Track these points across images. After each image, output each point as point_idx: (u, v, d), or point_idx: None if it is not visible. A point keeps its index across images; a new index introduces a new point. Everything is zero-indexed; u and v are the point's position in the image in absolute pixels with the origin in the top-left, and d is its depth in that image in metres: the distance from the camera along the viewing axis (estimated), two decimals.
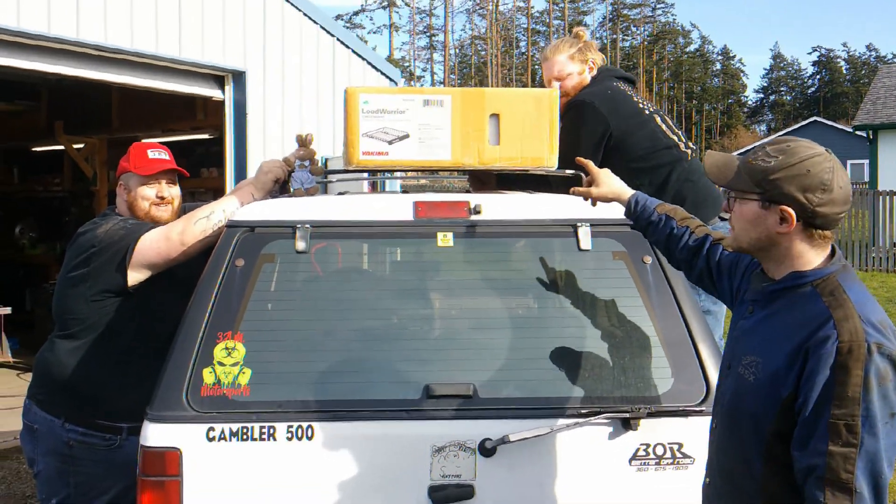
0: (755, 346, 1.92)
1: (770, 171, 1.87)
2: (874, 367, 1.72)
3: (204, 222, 2.89)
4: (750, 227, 1.92)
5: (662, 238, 2.43)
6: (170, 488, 2.35)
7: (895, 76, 24.12)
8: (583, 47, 3.61)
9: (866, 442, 1.70)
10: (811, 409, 1.74)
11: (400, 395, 2.49)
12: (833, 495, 1.71)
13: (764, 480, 1.86)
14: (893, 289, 13.84)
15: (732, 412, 1.95)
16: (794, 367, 1.79)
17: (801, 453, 1.76)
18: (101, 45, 6.15)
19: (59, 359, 2.98)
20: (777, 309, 1.91)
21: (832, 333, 1.75)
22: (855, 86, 76.29)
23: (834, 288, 1.83)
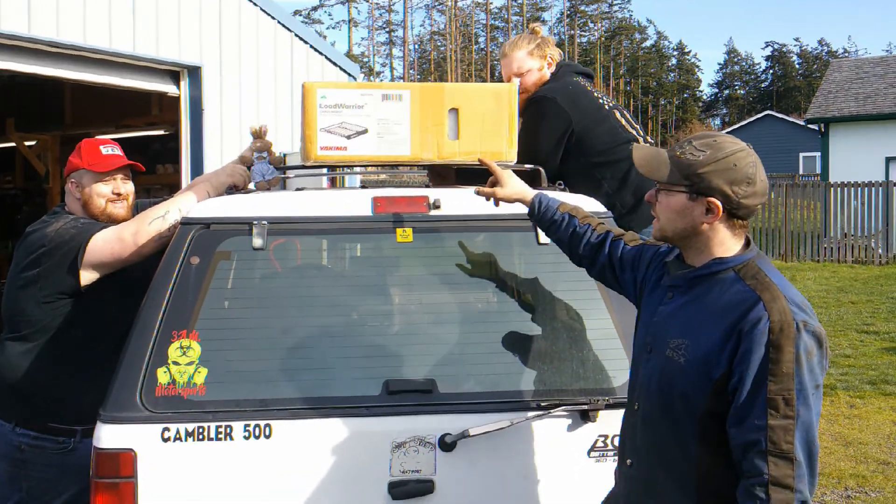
0: (681, 329, 2.00)
1: (699, 165, 1.96)
2: (803, 343, 1.84)
3: (159, 222, 2.83)
4: (677, 217, 2.01)
5: (566, 237, 2.49)
6: (124, 490, 2.31)
7: (846, 70, 24.64)
8: (541, 43, 3.62)
9: (802, 413, 1.83)
10: (749, 387, 1.84)
11: (359, 391, 2.48)
12: (776, 465, 1.81)
13: (698, 458, 1.94)
14: (844, 278, 14.16)
15: (662, 394, 2.02)
16: (727, 348, 1.88)
17: (739, 429, 1.85)
18: (53, 41, 6.02)
19: (10, 361, 2.91)
20: (699, 294, 2.01)
21: (763, 314, 1.86)
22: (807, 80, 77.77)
23: (756, 272, 1.95)
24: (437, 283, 2.78)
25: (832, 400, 6.89)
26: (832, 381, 7.39)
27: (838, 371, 7.80)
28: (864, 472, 5.29)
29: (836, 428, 6.20)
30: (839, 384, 7.33)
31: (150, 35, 6.71)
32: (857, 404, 6.81)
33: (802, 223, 17.00)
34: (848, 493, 4.98)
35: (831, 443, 5.86)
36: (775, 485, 1.81)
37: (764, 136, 40.60)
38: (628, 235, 2.44)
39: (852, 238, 16.76)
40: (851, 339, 9.22)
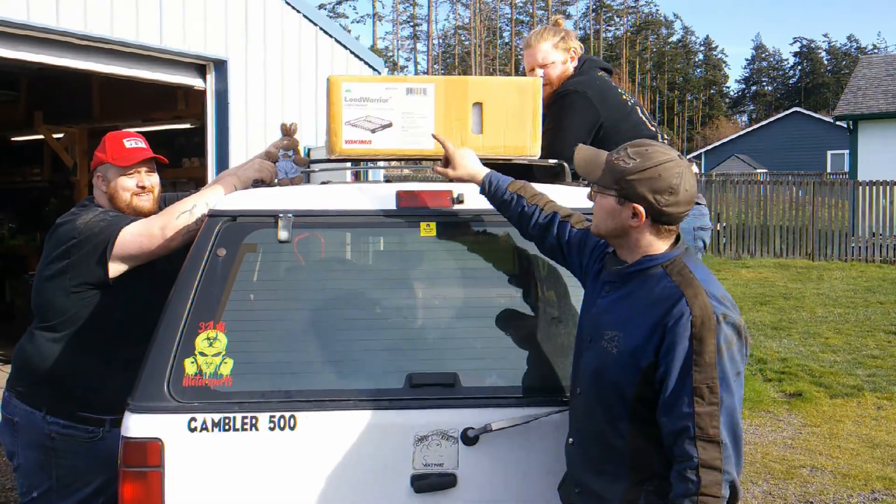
0: (615, 322, 2.15)
1: (627, 172, 2.10)
2: (723, 334, 2.00)
3: (186, 216, 2.86)
4: (608, 218, 2.17)
5: (515, 215, 2.58)
6: (151, 479, 2.34)
7: (875, 67, 24.29)
8: (565, 36, 3.60)
9: (725, 399, 1.98)
10: (675, 378, 1.99)
11: (383, 384, 2.49)
12: (704, 449, 1.95)
13: (631, 437, 2.11)
14: (872, 278, 13.98)
15: (598, 381, 2.17)
16: (653, 341, 2.04)
17: (669, 417, 2.00)
18: (81, 34, 6.07)
19: (40, 351, 2.95)
20: (632, 289, 2.16)
21: (686, 309, 2.01)
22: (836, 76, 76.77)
23: (681, 268, 2.10)
24: (459, 278, 2.78)
25: (859, 401, 6.81)
26: (859, 383, 7.30)
27: (865, 372, 7.71)
28: (892, 474, 5.23)
29: (863, 430, 6.13)
30: (866, 385, 7.24)
31: (177, 28, 6.75)
32: (884, 406, 6.72)
33: (830, 222, 16.78)
34: (875, 495, 4.93)
35: (858, 444, 5.80)
36: (705, 467, 1.95)
37: (791, 133, 40.16)
38: (575, 217, 2.53)
39: (881, 237, 16.52)
40: (879, 340, 9.11)
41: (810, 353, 8.54)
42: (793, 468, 5.35)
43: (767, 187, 17.69)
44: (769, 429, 6.18)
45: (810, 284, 13.35)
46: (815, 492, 4.98)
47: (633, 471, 2.11)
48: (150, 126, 8.73)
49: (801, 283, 13.46)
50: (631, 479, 2.10)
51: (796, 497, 4.91)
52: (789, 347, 8.80)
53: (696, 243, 3.56)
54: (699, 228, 3.58)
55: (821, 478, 5.19)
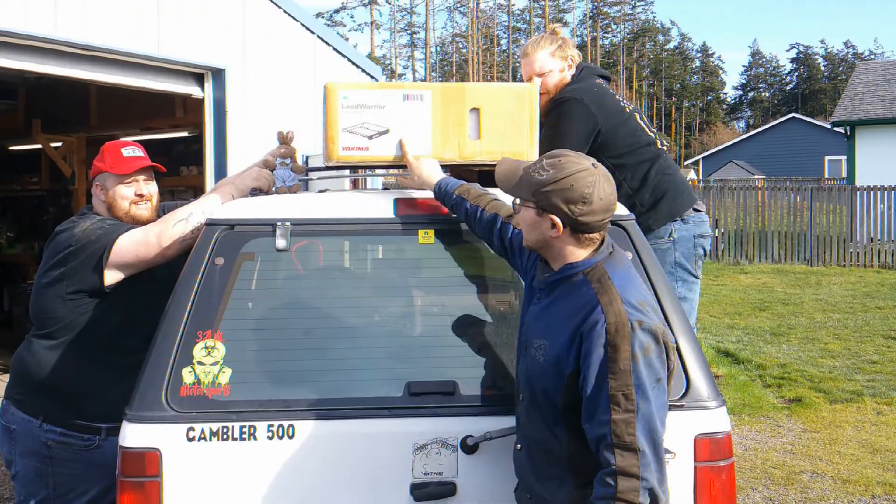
0: (542, 330, 2.17)
1: (542, 184, 2.12)
2: (638, 341, 1.99)
3: (182, 225, 2.86)
4: (530, 229, 2.19)
5: (462, 217, 2.62)
6: (149, 489, 2.33)
7: (872, 73, 24.35)
8: (562, 44, 3.62)
9: (641, 406, 1.97)
10: (592, 385, 2.00)
11: (381, 392, 2.48)
12: (622, 456, 1.96)
13: (567, 443, 2.11)
14: (871, 283, 13.98)
15: (531, 388, 2.19)
16: (573, 349, 2.06)
17: (590, 425, 2.02)
18: (79, 44, 6.08)
19: (37, 358, 2.95)
20: (557, 296, 2.18)
21: (601, 317, 2.02)
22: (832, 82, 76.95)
23: (601, 275, 2.11)
24: (458, 285, 2.78)
25: (858, 406, 6.80)
26: (858, 388, 7.30)
27: (865, 377, 7.70)
28: (892, 479, 5.22)
29: (862, 435, 6.12)
30: (866, 390, 7.23)
31: (175, 37, 6.76)
32: (884, 411, 6.71)
33: (828, 227, 16.80)
34: (875, 500, 4.92)
35: (858, 450, 5.78)
36: (622, 474, 1.95)
37: (789, 139, 40.25)
38: (515, 218, 2.48)
39: (879, 243, 16.54)
40: (878, 346, 9.10)
41: (809, 358, 8.53)
42: (793, 474, 5.34)
43: (765, 193, 17.72)
44: (769, 434, 6.17)
45: (809, 290, 13.35)
46: (815, 497, 4.97)
47: (575, 476, 2.11)
48: (148, 134, 8.73)
49: (799, 289, 13.46)
50: (575, 482, 2.11)
51: (797, 503, 4.90)
52: (788, 353, 8.79)
53: (697, 251, 3.57)
54: (699, 236, 3.60)
55: (821, 483, 5.18)
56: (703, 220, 3.64)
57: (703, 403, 2.42)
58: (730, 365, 8.29)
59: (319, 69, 8.31)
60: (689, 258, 3.55)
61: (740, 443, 5.88)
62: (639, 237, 2.67)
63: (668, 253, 3.51)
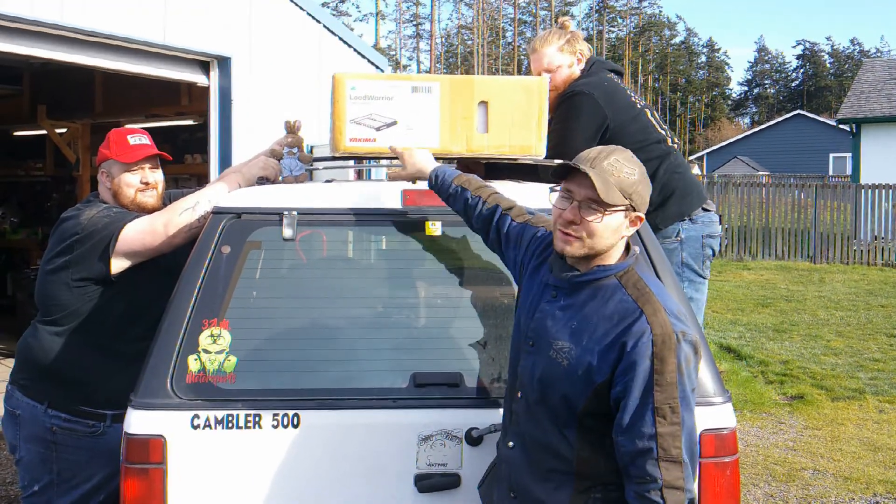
0: (566, 332, 2.07)
1: (636, 183, 2.04)
2: (682, 353, 1.94)
3: (189, 213, 2.85)
4: (613, 235, 2.05)
5: (461, 207, 2.55)
6: (154, 476, 2.34)
7: (879, 70, 24.27)
8: (571, 39, 3.58)
9: (686, 419, 1.93)
10: (637, 398, 1.93)
11: (387, 383, 2.48)
12: (668, 470, 1.91)
13: (578, 447, 2.05)
14: (874, 281, 13.97)
15: (544, 391, 2.10)
16: (609, 358, 1.97)
17: (628, 437, 1.94)
18: (84, 30, 6.06)
19: (43, 344, 2.95)
20: (585, 299, 2.08)
21: (646, 328, 1.95)
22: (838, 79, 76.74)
23: (636, 281, 2.05)
24: (465, 277, 2.78)
25: (861, 404, 6.80)
26: (860, 386, 7.29)
27: (867, 375, 7.70)
28: (894, 477, 5.22)
29: (864, 433, 6.11)
30: (868, 388, 7.23)
31: (181, 25, 6.74)
32: (886, 409, 6.71)
33: (832, 225, 16.77)
34: (877, 498, 4.92)
35: (859, 447, 5.79)
36: (669, 488, 1.91)
37: (794, 136, 40.14)
38: (516, 210, 2.46)
39: (883, 240, 16.51)
40: (881, 343, 9.09)
41: (812, 355, 8.53)
42: (794, 471, 5.34)
43: (769, 189, 17.68)
44: (770, 431, 6.17)
45: (812, 287, 13.34)
46: (816, 495, 4.97)
47: (579, 479, 2.06)
48: (153, 122, 8.71)
49: (802, 286, 13.44)
50: (577, 486, 2.06)
51: (798, 500, 4.90)
52: (791, 350, 8.79)
53: (705, 251, 3.52)
54: (708, 236, 3.53)
55: (822, 481, 5.18)
56: (713, 220, 3.57)
57: (709, 399, 2.42)
58: (732, 361, 8.29)
59: (325, 59, 8.29)
60: (697, 258, 3.50)
61: (742, 439, 5.88)
62: (647, 232, 2.67)
63: (674, 253, 3.45)
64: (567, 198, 2.07)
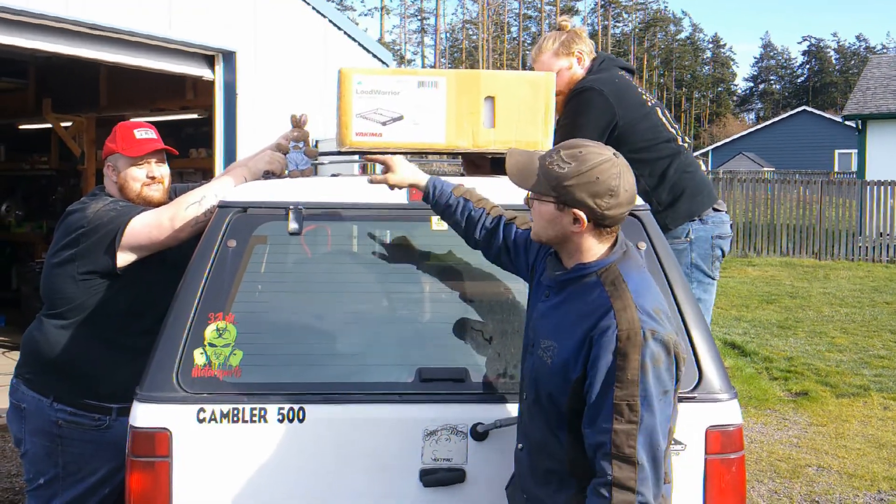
0: (550, 330, 2.09)
1: (564, 178, 2.01)
2: (649, 351, 1.91)
3: (195, 207, 2.85)
4: (548, 225, 2.08)
5: (461, 221, 2.50)
6: (159, 469, 2.34)
7: (885, 66, 24.18)
8: (566, 39, 3.52)
9: (645, 419, 1.90)
10: (597, 392, 1.93)
11: (392, 378, 2.48)
12: (619, 468, 1.89)
13: (568, 446, 2.05)
14: (879, 278, 13.93)
15: (536, 389, 2.12)
16: (582, 353, 1.98)
17: (591, 430, 1.95)
18: (90, 23, 6.06)
19: (48, 338, 2.95)
20: (567, 296, 2.10)
21: (612, 323, 1.94)
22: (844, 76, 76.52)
23: (615, 277, 2.02)
24: (470, 272, 2.77)
25: (865, 401, 6.79)
26: (865, 382, 7.28)
27: (872, 372, 7.68)
28: None
29: (869, 430, 6.10)
30: (873, 385, 7.21)
31: (186, 19, 6.74)
32: (890, 406, 6.70)
33: (837, 221, 16.72)
34: (881, 495, 4.91)
35: (864, 444, 5.78)
36: (617, 486, 1.89)
37: (799, 132, 40.03)
38: (519, 219, 2.47)
39: (888, 237, 16.46)
40: (885, 340, 9.07)
41: (816, 352, 8.51)
42: (798, 467, 5.34)
43: (775, 186, 17.64)
44: (775, 427, 6.16)
45: (817, 283, 13.31)
46: (820, 491, 4.96)
47: (576, 480, 2.04)
48: (158, 116, 8.72)
49: (807, 282, 13.42)
50: (575, 487, 2.04)
51: (802, 496, 4.90)
52: (795, 346, 8.77)
53: (714, 252, 3.46)
54: (718, 237, 3.47)
55: (827, 477, 5.18)
56: (723, 221, 3.52)
57: (715, 395, 2.41)
58: (736, 357, 8.28)
59: (330, 53, 8.29)
60: (706, 259, 3.45)
61: (746, 435, 5.86)
62: (653, 228, 2.66)
63: (684, 254, 3.40)
64: None
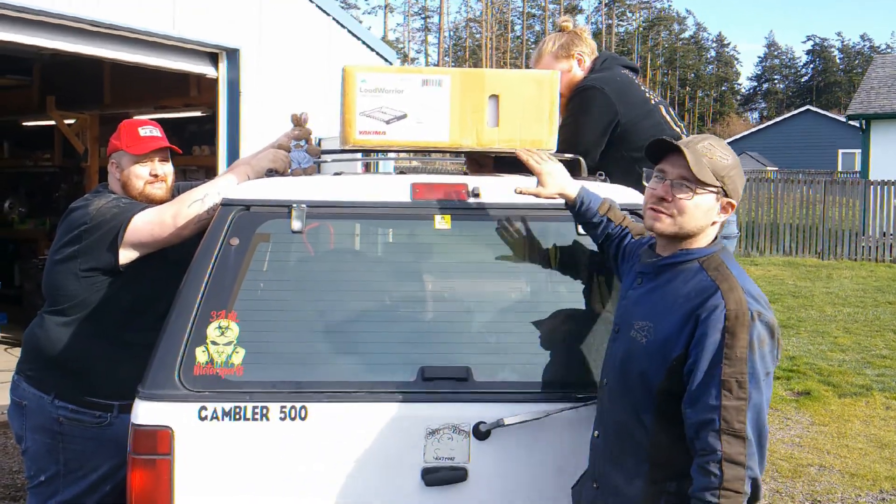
0: (646, 312, 2.15)
1: (729, 168, 2.12)
2: (756, 331, 1.98)
3: (198, 205, 2.85)
4: (703, 216, 2.13)
5: (601, 236, 2.58)
6: (161, 467, 2.34)
7: (889, 66, 24.12)
8: (566, 41, 3.52)
9: (753, 395, 1.96)
10: (704, 369, 1.97)
11: (395, 377, 2.48)
12: (729, 443, 1.93)
13: (654, 432, 2.08)
14: (882, 278, 13.90)
15: (624, 371, 2.16)
16: (684, 332, 2.03)
17: (695, 409, 1.98)
18: (94, 20, 6.06)
19: (49, 335, 2.95)
20: (665, 281, 2.16)
21: (721, 303, 2.00)
22: (848, 75, 76.36)
23: (718, 264, 2.11)
24: (474, 271, 2.77)
25: (867, 401, 6.78)
26: (868, 382, 7.27)
27: (874, 372, 7.67)
28: None
29: (871, 430, 6.09)
30: (875, 385, 7.20)
31: (190, 17, 6.74)
32: (893, 406, 6.69)
33: (840, 221, 16.70)
34: (883, 495, 4.91)
35: (866, 444, 5.77)
36: (728, 461, 1.92)
37: (803, 132, 39.95)
38: (637, 229, 2.53)
39: (891, 237, 16.43)
40: (888, 340, 9.06)
41: (819, 351, 8.50)
42: (800, 467, 5.33)
43: (778, 185, 17.61)
44: (777, 427, 6.15)
45: (819, 283, 13.29)
46: (822, 491, 4.96)
47: (654, 468, 2.08)
48: (162, 113, 8.72)
49: (810, 282, 13.40)
50: (650, 477, 2.08)
51: (804, 496, 4.89)
52: (798, 346, 8.76)
53: None
54: (723, 237, 3.46)
55: (829, 477, 5.17)
56: (729, 221, 3.48)
57: None
58: None
59: (334, 51, 8.28)
60: None
61: None
62: None
63: None
64: (660, 178, 2.16)
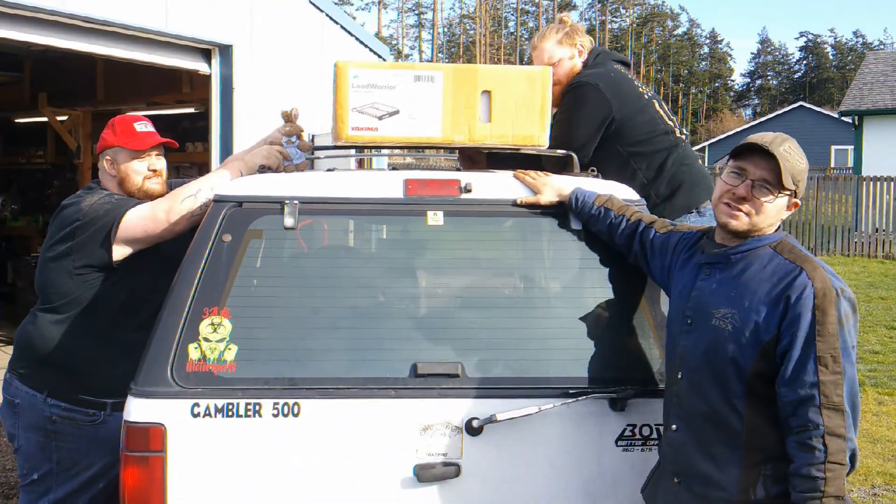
0: (725, 300, 2.19)
1: (804, 172, 2.20)
2: (842, 307, 2.06)
3: (191, 201, 2.84)
4: (775, 215, 2.20)
5: (604, 228, 2.62)
6: (154, 464, 2.34)
7: (882, 63, 24.20)
8: (569, 32, 3.53)
9: (847, 369, 2.03)
10: (799, 348, 2.03)
11: (387, 373, 2.48)
12: (829, 417, 1.99)
13: (748, 416, 2.12)
14: (874, 274, 13.96)
15: (709, 360, 2.19)
16: (775, 315, 2.09)
17: (792, 387, 2.04)
18: (86, 17, 6.03)
19: (42, 333, 2.94)
20: (741, 269, 2.21)
21: (808, 282, 2.08)
22: (841, 72, 76.54)
23: (791, 248, 2.19)
24: (466, 267, 2.77)
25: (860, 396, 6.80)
26: (860, 378, 7.27)
27: (867, 367, 7.70)
28: (892, 469, 5.22)
29: (863, 425, 6.12)
30: (867, 380, 7.23)
31: (183, 13, 6.71)
32: (885, 401, 6.72)
33: (833, 217, 16.75)
34: (875, 490, 4.93)
35: (858, 439, 5.78)
36: (831, 435, 1.98)
37: (796, 128, 39.90)
38: (658, 223, 2.57)
39: (884, 233, 16.50)
40: (880, 336, 9.10)
41: None
42: None
43: None
44: None
45: None
46: None
47: (749, 452, 2.11)
48: (154, 110, 8.70)
49: None
50: (746, 462, 2.11)
51: None
52: None
53: None
54: None
55: None
56: None
57: None
58: None
59: (327, 47, 8.27)
60: None
61: None
62: None
63: None
64: (738, 175, 2.20)
